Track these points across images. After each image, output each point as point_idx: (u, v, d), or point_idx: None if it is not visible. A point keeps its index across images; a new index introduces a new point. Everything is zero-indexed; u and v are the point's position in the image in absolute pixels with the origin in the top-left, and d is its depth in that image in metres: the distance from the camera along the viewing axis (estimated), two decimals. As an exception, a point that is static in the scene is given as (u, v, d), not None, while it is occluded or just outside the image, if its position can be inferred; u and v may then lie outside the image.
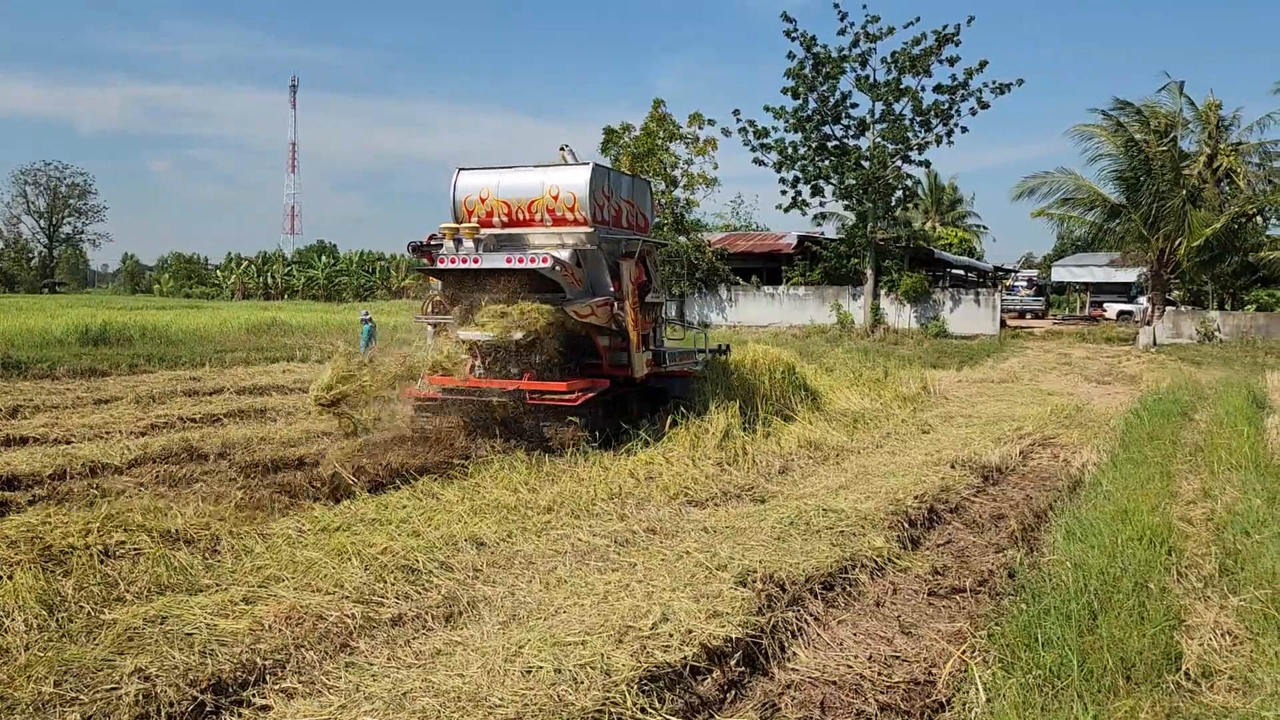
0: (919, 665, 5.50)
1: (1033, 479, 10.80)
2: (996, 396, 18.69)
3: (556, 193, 11.98)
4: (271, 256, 78.30)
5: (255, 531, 7.53)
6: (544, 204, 12.06)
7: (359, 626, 5.64)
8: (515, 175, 12.40)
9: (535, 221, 12.21)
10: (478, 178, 12.48)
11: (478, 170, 12.62)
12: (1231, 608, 5.97)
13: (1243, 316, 33.78)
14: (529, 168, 12.31)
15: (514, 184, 12.29)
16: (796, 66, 34.48)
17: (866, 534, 7.72)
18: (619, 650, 5.15)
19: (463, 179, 12.55)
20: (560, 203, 11.95)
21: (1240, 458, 10.77)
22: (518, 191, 12.23)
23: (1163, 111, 34.17)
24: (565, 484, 9.47)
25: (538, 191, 12.11)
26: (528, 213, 12.20)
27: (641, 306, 12.74)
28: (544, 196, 12.05)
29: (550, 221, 12.10)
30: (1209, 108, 39.92)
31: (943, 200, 69.39)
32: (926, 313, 37.72)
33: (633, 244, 12.82)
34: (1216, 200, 36.48)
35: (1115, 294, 55.08)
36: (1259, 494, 8.77)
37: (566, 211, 11.96)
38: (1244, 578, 6.45)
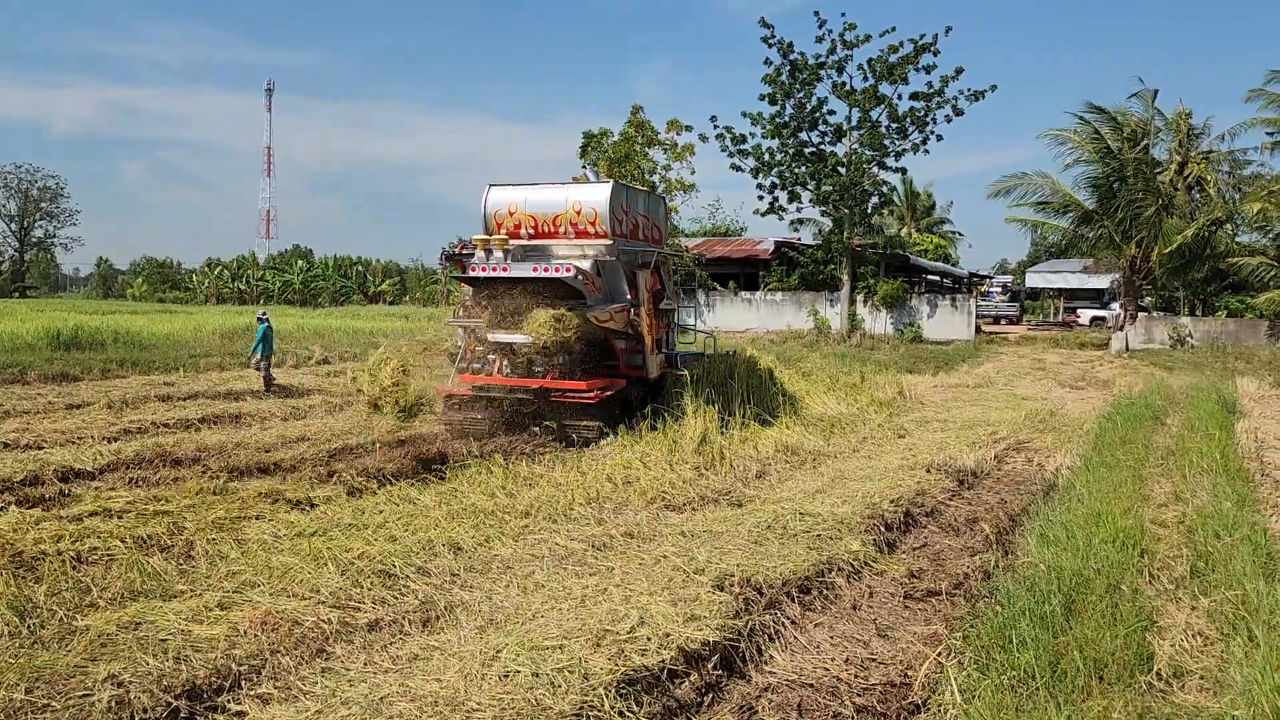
0: (895, 667, 5.53)
1: (1007, 483, 10.88)
2: (972, 401, 18.81)
3: (579, 208, 13.01)
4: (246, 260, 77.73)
5: (230, 537, 7.48)
6: (568, 218, 13.07)
7: (335, 632, 5.61)
8: (541, 191, 13.42)
9: (559, 234, 13.18)
10: (507, 193, 13.49)
11: (507, 186, 13.64)
12: (1202, 609, 6.05)
13: (1213, 322, 34.21)
14: (554, 185, 13.42)
15: (540, 199, 13.29)
16: (774, 73, 34.63)
17: (843, 538, 7.76)
18: (596, 654, 5.15)
19: (493, 194, 13.54)
20: (583, 217, 12.98)
21: (1211, 461, 10.90)
22: (543, 206, 13.23)
23: (1134, 119, 34.58)
24: (543, 489, 9.45)
25: (562, 206, 13.11)
26: (552, 226, 13.19)
27: (656, 312, 13.86)
28: (568, 211, 13.07)
29: (573, 234, 13.08)
30: (1179, 116, 40.41)
31: (918, 207, 69.83)
32: (902, 318, 37.95)
33: (648, 255, 13.92)
34: (1188, 208, 36.96)
35: (1089, 300, 55.61)
36: (1229, 497, 8.89)
37: (588, 225, 12.97)
38: (1214, 579, 6.53)
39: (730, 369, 14.89)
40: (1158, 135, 37.93)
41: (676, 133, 39.51)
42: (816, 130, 35.46)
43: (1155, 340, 34.10)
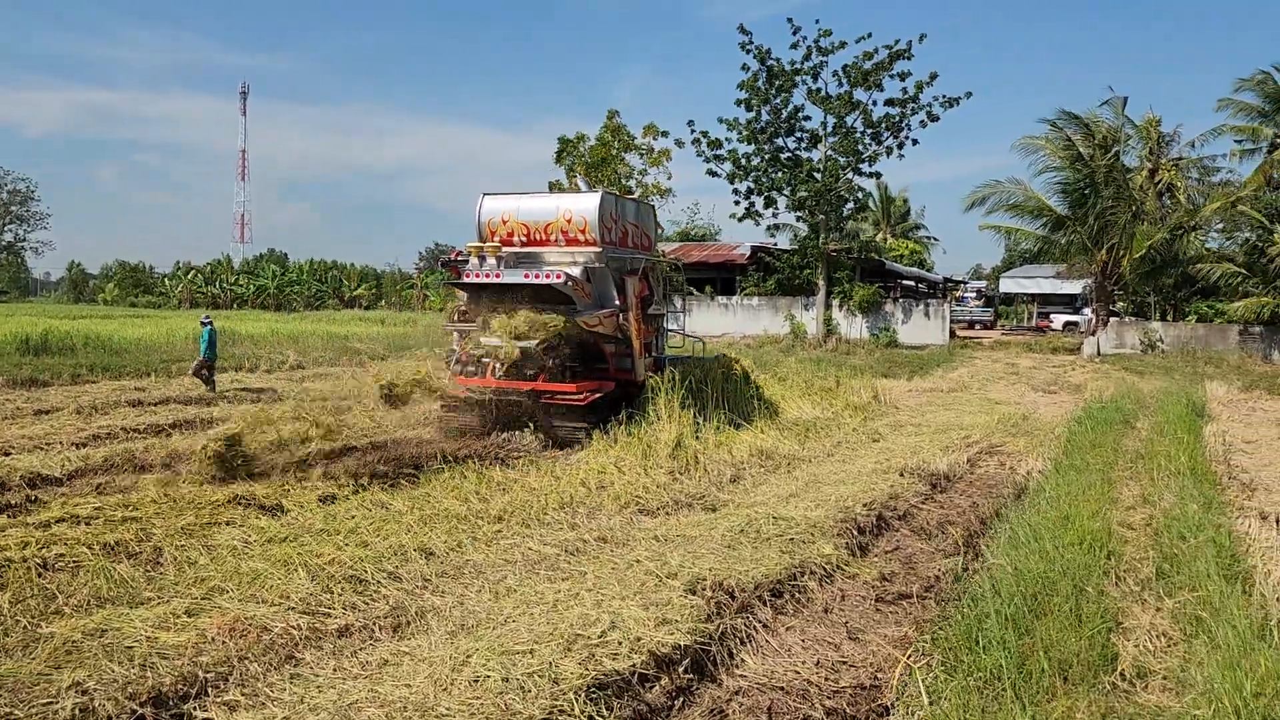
0: (865, 670, 5.57)
1: (979, 486, 10.97)
2: (945, 405, 18.95)
3: (570, 216, 13.46)
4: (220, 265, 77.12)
5: (199, 543, 7.42)
6: (558, 226, 13.51)
7: (305, 638, 5.58)
8: (533, 200, 13.93)
9: (550, 242, 13.64)
10: (500, 202, 13.96)
11: (500, 195, 14.09)
12: (1167, 610, 6.12)
13: (1183, 327, 34.63)
14: (546, 194, 13.99)
15: (532, 208, 13.77)
16: (751, 79, 34.77)
17: (816, 541, 7.80)
18: (567, 658, 5.15)
19: (487, 203, 14.00)
20: (573, 225, 13.42)
21: (1179, 465, 11.04)
22: (535, 215, 13.70)
23: (1105, 126, 34.98)
24: (516, 493, 9.44)
25: (553, 215, 13.58)
26: (544, 234, 13.65)
27: (644, 318, 14.29)
28: (558, 220, 13.52)
29: (564, 242, 13.54)
30: (1149, 123, 40.91)
31: (893, 212, 70.27)
32: (878, 323, 38.16)
33: (636, 262, 14.30)
34: (1158, 214, 37.38)
35: (1061, 305, 56.15)
36: (1196, 500, 9.01)
37: (578, 233, 13.40)
38: (1179, 581, 6.62)
39: (706, 374, 14.92)
40: (1128, 142, 38.41)
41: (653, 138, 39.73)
42: (792, 136, 35.63)
43: (1127, 345, 34.47)
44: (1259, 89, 40.04)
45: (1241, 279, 33.83)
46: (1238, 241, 35.65)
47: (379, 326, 39.44)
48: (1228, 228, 35.54)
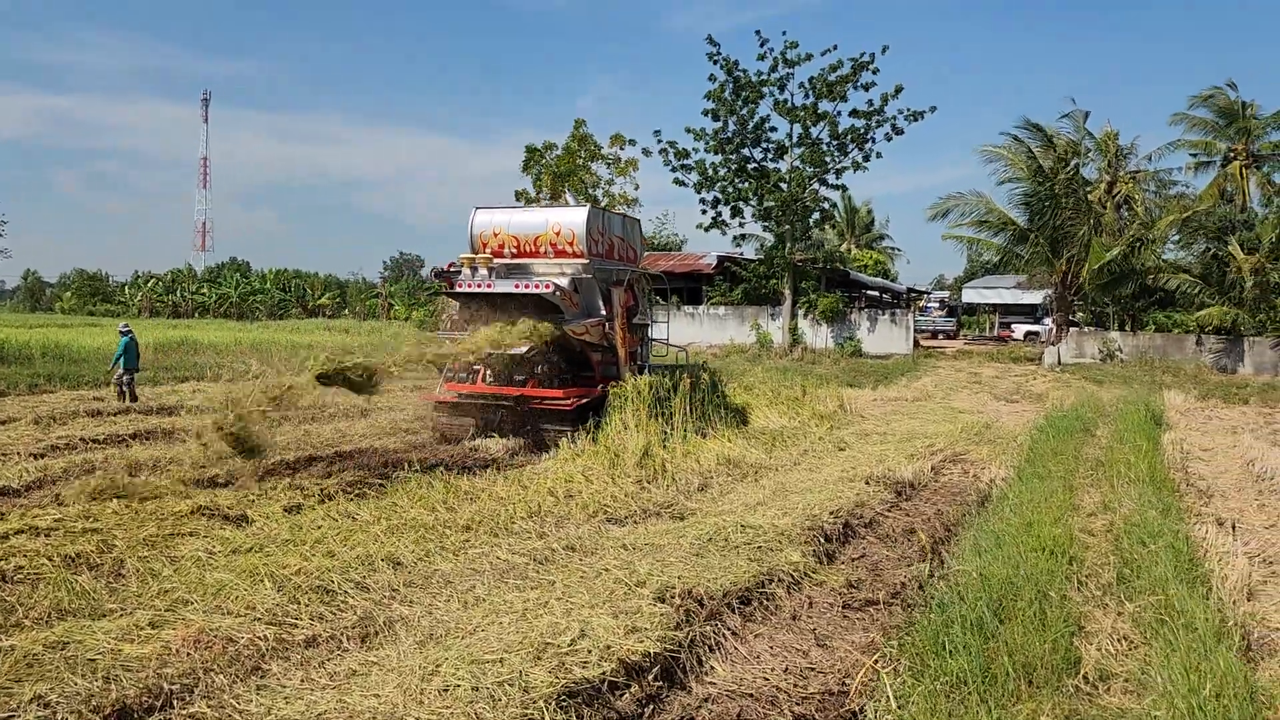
0: (833, 676, 5.61)
1: (944, 494, 11.09)
2: (910, 414, 19.14)
3: (559, 229, 14.11)
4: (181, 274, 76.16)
5: (163, 554, 7.32)
6: (548, 239, 14.15)
7: (271, 649, 5.53)
8: (523, 214, 14.71)
9: (540, 253, 14.26)
10: (491, 216, 14.62)
11: (492, 209, 14.77)
12: (1128, 614, 6.23)
13: (1142, 337, 35.21)
14: (535, 208, 15.25)
15: (522, 221, 14.43)
16: (717, 89, 34.95)
17: (783, 549, 7.84)
18: (537, 667, 5.15)
19: (479, 216, 14.63)
20: (561, 238, 14.06)
21: (1138, 472, 11.23)
22: (525, 228, 14.35)
23: (1065, 139, 35.58)
24: (484, 502, 9.41)
25: (542, 228, 14.23)
26: (533, 246, 14.27)
27: (629, 327, 15.05)
28: (547, 232, 14.17)
29: (553, 254, 14.16)
30: (1108, 137, 41.67)
31: (858, 223, 70.93)
32: (843, 333, 38.45)
33: (622, 273, 15.09)
34: (1116, 225, 38.04)
35: (1022, 315, 56.88)
36: (1154, 506, 9.17)
37: (566, 245, 14.04)
38: (1139, 585, 6.73)
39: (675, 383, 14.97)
40: (1088, 155, 39.08)
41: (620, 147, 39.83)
42: (759, 146, 35.84)
43: (1086, 354, 34.99)
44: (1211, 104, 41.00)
45: (1198, 290, 34.51)
46: (1194, 253, 36.39)
47: (343, 336, 39.15)
48: (1184, 239, 36.25)
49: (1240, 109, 40.13)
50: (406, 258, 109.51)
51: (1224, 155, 41.23)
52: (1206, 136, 41.78)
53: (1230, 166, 40.72)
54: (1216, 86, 40.78)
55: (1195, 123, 41.86)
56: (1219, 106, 40.72)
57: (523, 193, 39.89)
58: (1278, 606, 6.81)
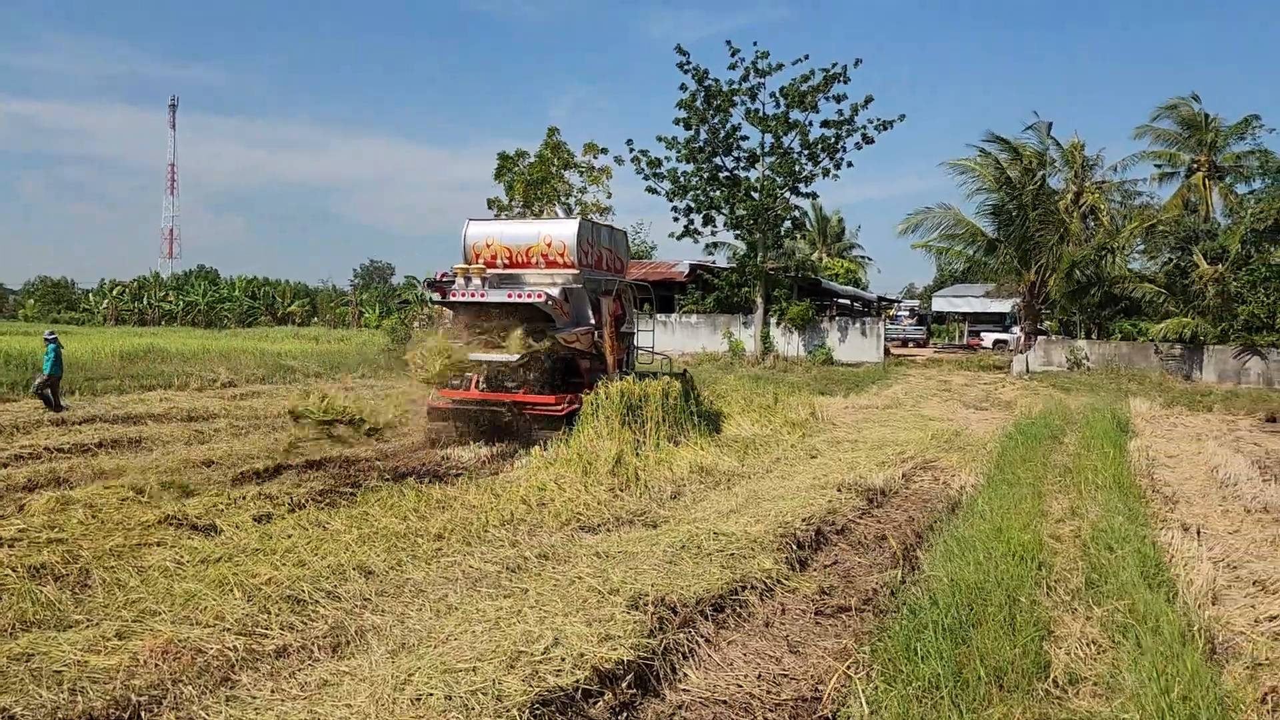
0: (806, 682, 5.63)
1: (914, 501, 11.16)
2: (881, 422, 19.25)
3: (550, 241, 14.66)
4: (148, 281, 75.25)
5: (130, 564, 7.23)
6: (539, 250, 14.71)
7: (241, 659, 5.47)
8: (516, 226, 15.32)
9: (531, 264, 14.81)
10: (485, 228, 15.30)
11: (484, 222, 15.61)
12: (1096, 618, 6.30)
13: (1108, 346, 35.64)
14: (527, 220, 15.73)
15: (515, 233, 15.02)
16: (689, 98, 35.09)
17: (756, 556, 7.86)
18: (510, 675, 5.13)
19: (472, 228, 15.24)
20: (552, 249, 14.63)
21: (1105, 478, 11.37)
22: (517, 239, 14.91)
23: (1030, 150, 36.03)
24: (456, 511, 9.37)
25: (534, 240, 14.78)
26: (525, 257, 14.84)
27: (617, 335, 15.52)
28: (539, 244, 14.73)
29: (544, 264, 14.71)
30: (1074, 148, 42.22)
31: (829, 232, 71.43)
32: (814, 341, 38.65)
33: (610, 283, 15.66)
34: (1082, 235, 38.54)
35: (991, 324, 57.45)
36: (1121, 512, 9.29)
37: (558, 257, 14.62)
38: (1107, 590, 6.82)
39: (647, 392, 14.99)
40: (1053, 166, 39.61)
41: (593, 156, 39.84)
42: (731, 155, 36.02)
43: (1054, 363, 35.37)
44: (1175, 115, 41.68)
45: (1163, 299, 35.03)
46: (1159, 262, 36.94)
47: (313, 344, 38.84)
48: (1149, 250, 36.79)
49: (1203, 121, 40.81)
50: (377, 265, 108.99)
51: (1187, 166, 41.90)
52: (1170, 148, 42.45)
53: (1194, 177, 41.37)
54: (1180, 98, 41.48)
55: (1159, 134, 42.53)
56: (1182, 118, 41.40)
57: (495, 200, 39.80)
58: (1242, 610, 6.91)
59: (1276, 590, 7.42)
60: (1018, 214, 33.74)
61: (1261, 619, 6.70)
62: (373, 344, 35.72)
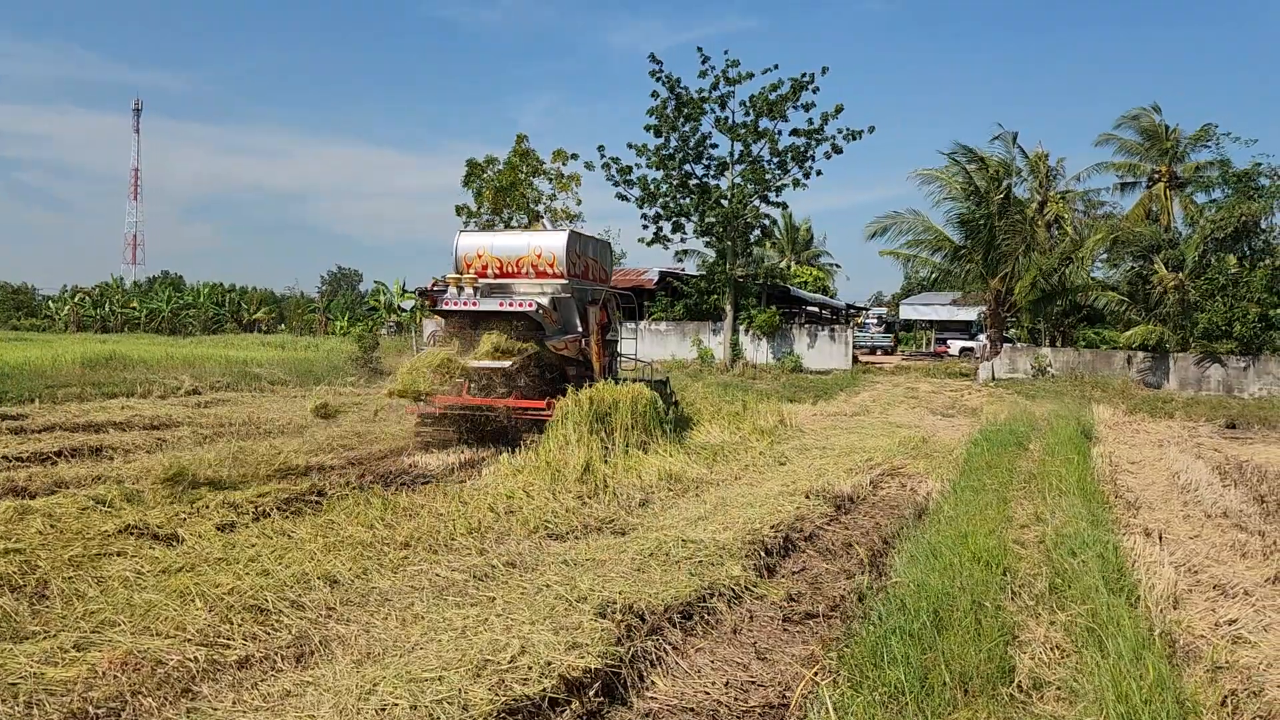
0: (773, 689, 5.63)
1: (882, 507, 11.22)
2: (849, 429, 19.36)
3: (539, 252, 15.12)
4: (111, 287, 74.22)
5: (89, 575, 7.10)
6: (529, 260, 15.18)
7: (202, 670, 5.39)
8: (506, 237, 15.71)
9: (521, 274, 15.26)
10: (475, 239, 15.79)
11: (475, 233, 16.29)
12: (1059, 623, 6.36)
13: (1072, 353, 36.10)
14: (517, 232, 15.80)
15: (505, 244, 15.45)
16: (660, 106, 35.20)
17: (724, 563, 7.86)
18: (477, 684, 5.09)
19: (463, 239, 15.72)
20: (542, 260, 15.08)
21: (1069, 484, 11.49)
22: (508, 250, 15.35)
23: (996, 160, 36.49)
24: (423, 519, 9.29)
25: (524, 251, 15.24)
26: (515, 267, 15.29)
27: (603, 343, 16.13)
28: (529, 255, 15.19)
29: (533, 274, 15.15)
30: (1038, 158, 42.82)
31: (798, 240, 71.82)
32: (783, 348, 38.83)
33: (597, 293, 16.17)
34: (1047, 244, 39.06)
35: (958, 331, 58.05)
36: (1084, 517, 9.39)
37: (547, 267, 15.06)
38: (1071, 595, 6.88)
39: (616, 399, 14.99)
40: (1019, 175, 40.12)
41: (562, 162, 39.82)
42: (700, 163, 36.16)
43: (1019, 370, 35.77)
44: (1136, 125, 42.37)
45: (1125, 307, 35.55)
46: (1121, 271, 37.51)
47: (279, 351, 38.47)
48: (1112, 259, 37.34)
49: (1164, 132, 41.50)
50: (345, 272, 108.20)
51: (1149, 176, 42.59)
52: (1132, 159, 43.14)
53: (1155, 188, 42.05)
54: (1142, 108, 42.17)
55: (1121, 144, 43.20)
56: (1143, 128, 42.07)
57: (463, 207, 39.67)
58: (1202, 614, 7.01)
59: (1236, 594, 7.53)
60: (984, 223, 34.14)
61: (1221, 623, 6.79)
62: (341, 351, 35.44)
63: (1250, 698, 5.40)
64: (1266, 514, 11.03)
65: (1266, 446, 17.86)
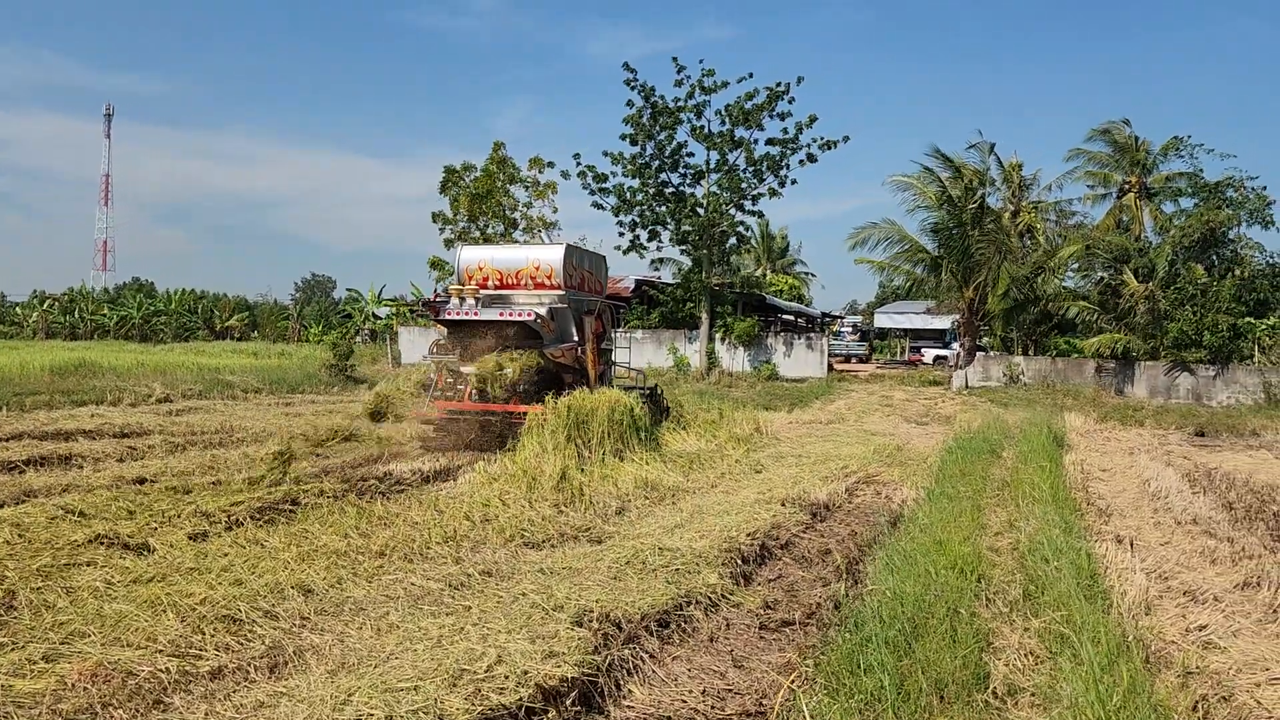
0: (750, 697, 5.63)
1: (857, 515, 11.26)
2: (825, 437, 19.43)
3: (538, 265, 15.87)
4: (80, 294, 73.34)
5: (58, 585, 7.00)
6: (528, 273, 15.91)
7: (174, 681, 5.32)
8: (506, 251, 16.47)
9: (520, 285, 15.95)
10: (477, 252, 16.49)
11: (476, 246, 17.20)
12: (1033, 629, 6.41)
13: (1044, 362, 36.45)
14: (517, 246, 16.83)
15: (505, 257, 16.18)
16: (635, 114, 35.30)
17: (701, 571, 7.87)
18: (453, 694, 5.06)
19: (465, 252, 16.49)
20: (540, 272, 15.82)
21: (1041, 492, 11.59)
22: (508, 263, 16.08)
23: (972, 168, 36.83)
24: (399, 528, 9.23)
25: (523, 263, 15.98)
26: (515, 279, 15.99)
27: (598, 351, 16.77)
28: (528, 267, 15.92)
29: (532, 286, 15.86)
30: (1012, 167, 43.26)
31: (774, 248, 72.10)
32: (759, 356, 38.95)
33: (592, 304, 16.91)
34: (1019, 254, 39.44)
35: (932, 340, 58.41)
36: (1057, 524, 9.47)
37: (545, 279, 15.78)
38: (1044, 601, 6.93)
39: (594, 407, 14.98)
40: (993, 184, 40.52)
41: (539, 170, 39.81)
42: (677, 171, 36.27)
43: (992, 378, 36.06)
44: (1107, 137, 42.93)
45: (1096, 316, 35.95)
46: (1092, 280, 37.92)
47: (253, 359, 38.17)
48: (1083, 268, 37.75)
49: (1134, 144, 42.05)
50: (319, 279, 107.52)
51: (1119, 188, 43.13)
52: (1103, 169, 43.67)
53: (1125, 198, 42.58)
54: (1112, 121, 42.73)
55: (1092, 156, 43.74)
56: (1115, 141, 42.62)
57: (439, 214, 39.56)
58: (1173, 620, 7.08)
59: (1206, 600, 7.62)
60: (958, 232, 34.45)
61: (1192, 628, 6.86)
62: (315, 359, 35.20)
63: (1220, 703, 5.46)
64: (1235, 521, 11.17)
65: (1234, 454, 18.10)
